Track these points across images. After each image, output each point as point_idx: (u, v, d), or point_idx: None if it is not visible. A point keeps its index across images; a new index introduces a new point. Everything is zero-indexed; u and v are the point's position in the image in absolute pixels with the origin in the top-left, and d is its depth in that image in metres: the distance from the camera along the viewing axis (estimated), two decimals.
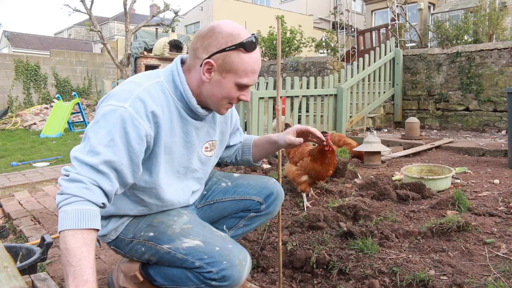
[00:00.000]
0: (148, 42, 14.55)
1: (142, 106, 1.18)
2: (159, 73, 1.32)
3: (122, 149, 1.14)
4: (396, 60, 7.45)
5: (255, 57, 1.24)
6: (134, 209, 1.36)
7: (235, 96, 1.27)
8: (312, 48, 12.36)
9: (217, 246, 1.25)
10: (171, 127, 1.28)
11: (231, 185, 1.59)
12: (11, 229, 2.62)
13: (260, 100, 4.74)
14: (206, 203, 1.58)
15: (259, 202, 1.55)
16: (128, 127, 1.14)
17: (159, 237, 1.31)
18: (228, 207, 1.56)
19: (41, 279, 1.15)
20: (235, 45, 1.20)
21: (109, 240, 1.40)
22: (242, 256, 1.26)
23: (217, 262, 1.21)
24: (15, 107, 11.81)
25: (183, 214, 1.39)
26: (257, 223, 1.62)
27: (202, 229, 1.33)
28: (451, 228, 2.13)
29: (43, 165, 4.78)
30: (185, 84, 1.27)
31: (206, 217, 1.56)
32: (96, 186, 1.11)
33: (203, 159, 1.43)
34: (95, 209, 1.10)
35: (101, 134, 1.13)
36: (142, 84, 1.23)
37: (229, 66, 1.21)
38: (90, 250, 1.05)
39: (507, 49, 6.40)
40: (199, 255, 1.24)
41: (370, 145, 4.28)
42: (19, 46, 25.88)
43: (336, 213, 2.43)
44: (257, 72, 1.26)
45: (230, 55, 1.20)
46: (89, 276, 1.02)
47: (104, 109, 1.17)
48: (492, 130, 6.58)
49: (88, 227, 1.06)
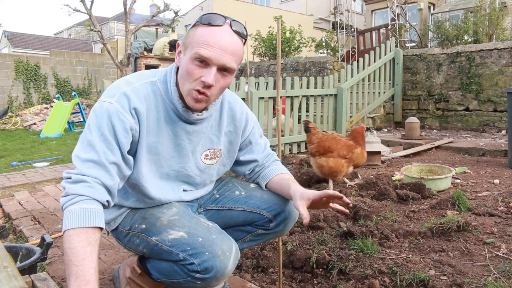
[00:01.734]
0: (148, 42, 14.55)
1: (126, 101, 1.20)
2: (156, 73, 1.31)
3: (113, 141, 1.17)
4: (396, 60, 7.45)
5: (213, 31, 1.17)
6: (127, 201, 1.37)
7: (197, 75, 1.17)
8: (312, 48, 12.36)
9: (200, 237, 1.23)
10: (157, 127, 1.27)
11: (244, 195, 1.50)
12: (11, 229, 2.62)
13: (260, 100, 4.74)
14: (214, 208, 1.52)
15: (268, 219, 1.45)
16: (114, 120, 1.17)
17: (150, 229, 1.31)
18: (236, 216, 1.48)
19: (41, 279, 1.14)
20: (195, 21, 1.21)
21: (111, 229, 1.42)
22: (226, 247, 1.23)
23: (199, 253, 1.20)
24: (15, 107, 11.81)
25: (173, 206, 1.37)
26: (264, 240, 1.54)
27: (188, 220, 1.30)
28: (451, 228, 2.13)
29: (43, 165, 4.78)
30: (173, 86, 1.26)
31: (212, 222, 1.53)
32: (99, 184, 1.12)
33: (201, 166, 1.41)
34: (100, 208, 1.11)
35: (93, 130, 1.17)
36: (132, 83, 1.25)
37: (188, 40, 1.20)
38: (93, 250, 1.05)
39: (507, 49, 6.40)
40: (183, 247, 1.22)
41: (370, 145, 4.28)
42: (19, 46, 25.89)
43: (336, 213, 2.43)
44: (218, 46, 1.16)
45: (190, 32, 1.22)
46: (91, 277, 1.02)
47: (94, 106, 1.22)
48: (492, 130, 6.58)
49: (93, 225, 1.07)
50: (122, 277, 1.52)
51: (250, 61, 10.46)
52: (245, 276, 1.84)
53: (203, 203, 1.54)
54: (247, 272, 1.89)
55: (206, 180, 1.47)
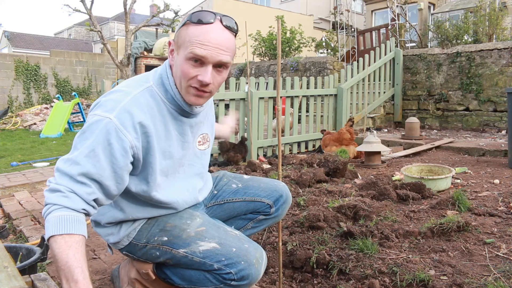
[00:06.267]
0: (148, 42, 14.55)
1: (128, 117, 1.16)
2: (148, 77, 1.29)
3: (104, 160, 1.13)
4: (396, 60, 7.45)
5: (205, 29, 1.17)
6: (140, 212, 1.35)
7: (193, 74, 1.18)
8: (312, 48, 12.36)
9: (234, 247, 1.26)
10: (166, 131, 1.27)
11: (241, 186, 1.59)
12: (11, 229, 2.62)
13: (260, 100, 4.74)
14: (216, 203, 1.58)
15: (268, 205, 1.56)
16: (112, 139, 1.13)
17: (174, 242, 1.31)
18: (238, 207, 1.57)
19: (41, 279, 1.14)
20: (185, 20, 1.20)
21: (122, 247, 1.39)
22: (259, 255, 1.28)
23: (236, 263, 1.23)
24: (15, 107, 11.81)
25: (196, 217, 1.38)
26: (265, 225, 1.63)
27: (216, 231, 1.33)
28: (451, 228, 2.13)
29: (43, 165, 4.78)
30: (174, 87, 1.25)
31: (215, 216, 1.55)
32: (73, 193, 1.11)
33: (197, 153, 1.43)
34: (75, 214, 1.10)
35: (84, 144, 1.13)
36: (130, 92, 1.20)
37: (181, 40, 1.20)
38: (75, 252, 1.05)
39: (507, 49, 6.40)
40: (217, 258, 1.24)
41: (370, 145, 4.28)
42: (19, 46, 25.88)
43: (336, 213, 2.43)
44: (212, 44, 1.16)
45: (181, 31, 1.21)
46: (78, 276, 1.02)
47: (90, 119, 1.17)
48: (492, 130, 6.58)
49: (68, 232, 1.06)
50: (124, 276, 1.52)
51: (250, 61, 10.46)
52: None
53: (205, 201, 1.57)
54: None
55: (205, 166, 1.50)
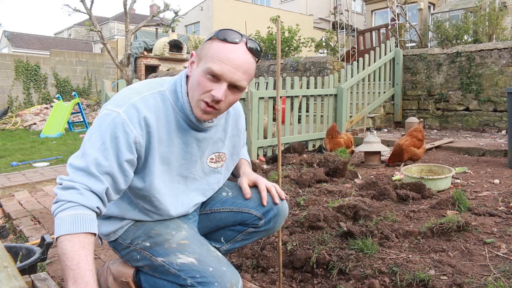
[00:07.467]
0: (148, 42, 14.56)
1: (135, 113, 1.18)
2: (164, 82, 1.30)
3: (112, 153, 1.15)
4: (396, 60, 7.45)
5: (229, 48, 1.18)
6: (131, 211, 1.35)
7: (208, 88, 1.18)
8: (312, 48, 12.36)
9: (211, 267, 1.24)
10: (168, 137, 1.26)
11: (231, 195, 1.51)
12: (11, 229, 2.62)
13: (260, 100, 4.74)
14: (203, 212, 1.53)
15: (257, 217, 1.45)
16: (119, 132, 1.15)
17: (155, 249, 1.30)
18: (224, 218, 1.49)
19: (41, 279, 1.14)
20: (212, 35, 1.22)
21: (110, 240, 1.40)
22: (235, 280, 1.25)
23: (209, 283, 1.20)
24: (15, 107, 11.82)
25: (182, 229, 1.36)
26: (256, 238, 1.55)
27: (199, 247, 1.31)
28: (451, 228, 2.13)
29: (43, 165, 4.78)
30: (185, 96, 1.25)
31: (203, 226, 1.53)
32: (89, 191, 1.11)
33: (206, 169, 1.41)
34: (90, 213, 1.11)
35: (93, 137, 1.16)
36: (141, 92, 1.23)
37: (203, 53, 1.21)
38: (88, 253, 1.05)
39: (507, 49, 6.39)
40: (192, 273, 1.23)
41: (370, 145, 4.28)
42: (19, 46, 25.88)
43: (336, 213, 2.43)
44: (231, 63, 1.17)
45: (205, 44, 1.22)
46: (89, 278, 1.02)
47: (100, 113, 1.20)
48: (492, 130, 6.58)
49: (84, 231, 1.06)
50: (103, 284, 1.47)
51: None
52: (245, 276, 1.84)
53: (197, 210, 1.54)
54: (247, 272, 1.89)
55: (213, 185, 1.47)
